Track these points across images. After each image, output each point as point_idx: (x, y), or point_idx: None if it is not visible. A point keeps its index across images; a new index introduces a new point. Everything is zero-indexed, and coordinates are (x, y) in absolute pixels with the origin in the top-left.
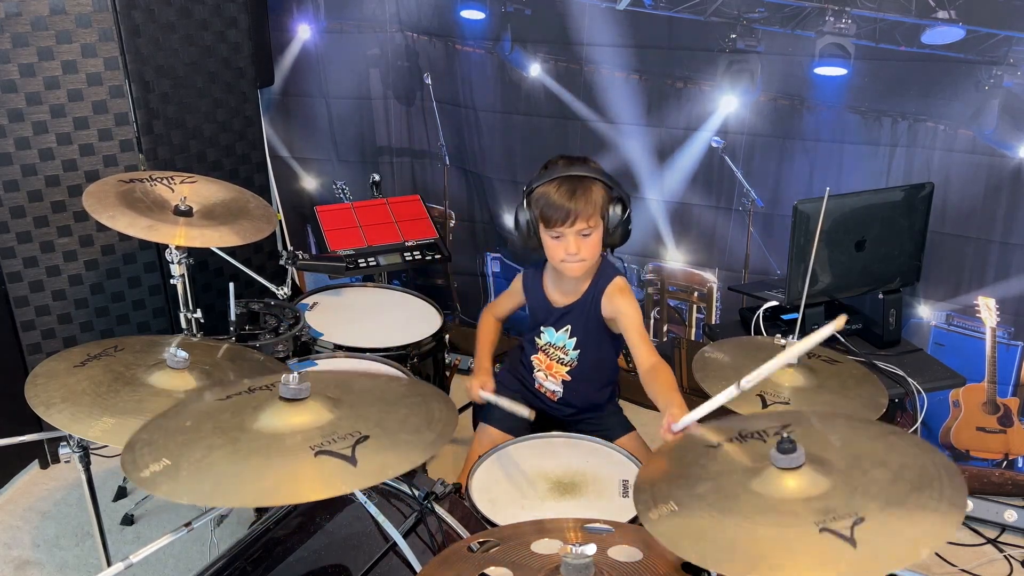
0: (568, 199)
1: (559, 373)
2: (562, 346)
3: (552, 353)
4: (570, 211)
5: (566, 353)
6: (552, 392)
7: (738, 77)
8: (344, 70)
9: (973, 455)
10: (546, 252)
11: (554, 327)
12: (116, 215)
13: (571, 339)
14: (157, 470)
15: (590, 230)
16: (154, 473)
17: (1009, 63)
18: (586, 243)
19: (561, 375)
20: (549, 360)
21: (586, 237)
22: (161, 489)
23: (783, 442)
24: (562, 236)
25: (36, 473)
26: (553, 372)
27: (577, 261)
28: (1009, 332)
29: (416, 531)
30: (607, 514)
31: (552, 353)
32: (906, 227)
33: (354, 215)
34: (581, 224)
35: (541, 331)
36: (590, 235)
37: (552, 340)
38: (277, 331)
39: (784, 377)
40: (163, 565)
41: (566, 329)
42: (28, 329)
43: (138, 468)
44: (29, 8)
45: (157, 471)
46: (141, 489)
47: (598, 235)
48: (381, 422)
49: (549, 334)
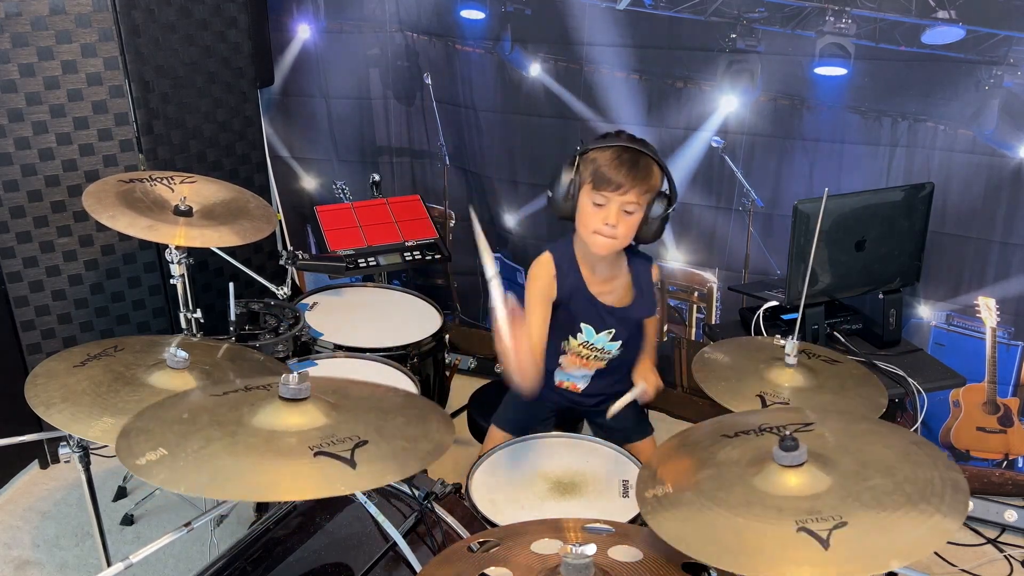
0: (628, 168)
1: (594, 365)
2: (602, 347)
3: (588, 354)
4: (625, 179)
5: (608, 353)
6: (575, 383)
7: (738, 77)
8: (344, 70)
9: (973, 455)
10: (579, 220)
11: (595, 328)
12: (116, 215)
13: (614, 341)
14: (153, 459)
15: (635, 208)
16: (150, 462)
17: (1009, 63)
18: (626, 220)
19: (596, 366)
20: (583, 359)
21: (628, 215)
22: (157, 478)
23: (786, 440)
24: (606, 204)
25: (36, 473)
26: (587, 364)
27: (610, 236)
28: (1009, 332)
29: (416, 531)
30: (607, 514)
31: (588, 354)
32: (906, 227)
33: (354, 215)
34: (631, 197)
35: (580, 329)
36: (633, 214)
37: (591, 340)
38: (277, 331)
39: (784, 377)
40: (163, 565)
41: (610, 332)
42: (28, 329)
43: (134, 456)
44: (29, 8)
45: (153, 460)
46: (138, 479)
47: (638, 219)
48: (380, 428)
49: (589, 334)
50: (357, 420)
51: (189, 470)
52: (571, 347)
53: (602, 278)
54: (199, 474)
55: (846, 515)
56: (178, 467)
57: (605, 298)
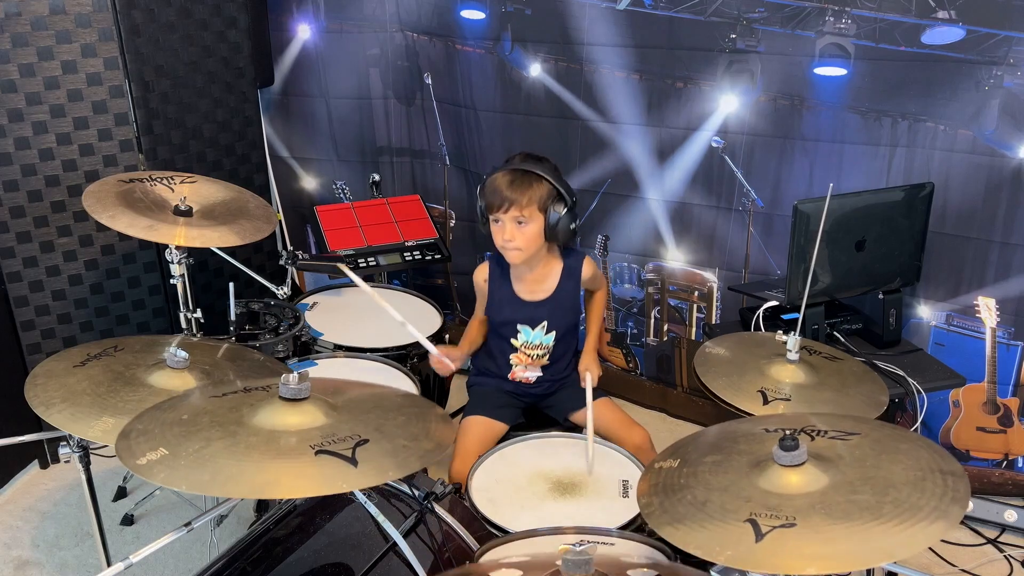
0: (507, 188)
1: (539, 362)
2: (539, 343)
3: (531, 352)
4: (505, 198)
5: (547, 348)
6: (528, 378)
7: (738, 77)
8: (344, 70)
9: (973, 455)
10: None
11: (530, 326)
12: (116, 215)
13: (549, 334)
14: (154, 458)
15: (525, 220)
16: (151, 461)
17: (1009, 63)
18: (521, 232)
19: (541, 362)
20: (529, 358)
21: (521, 225)
22: (158, 477)
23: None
24: (501, 222)
25: (36, 473)
26: (533, 363)
27: (514, 248)
28: (1009, 332)
29: (416, 531)
30: (607, 514)
31: (531, 352)
32: (906, 227)
33: (354, 215)
34: (516, 212)
35: (517, 331)
36: (525, 224)
37: (530, 339)
38: (277, 331)
39: (785, 374)
40: (163, 565)
41: (543, 326)
42: (28, 329)
43: (134, 456)
44: (29, 8)
45: (154, 459)
46: (138, 479)
47: (536, 227)
48: (380, 427)
49: (526, 333)
50: (357, 420)
51: (190, 468)
52: (517, 346)
53: (532, 280)
54: (200, 472)
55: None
56: (179, 466)
57: (535, 296)
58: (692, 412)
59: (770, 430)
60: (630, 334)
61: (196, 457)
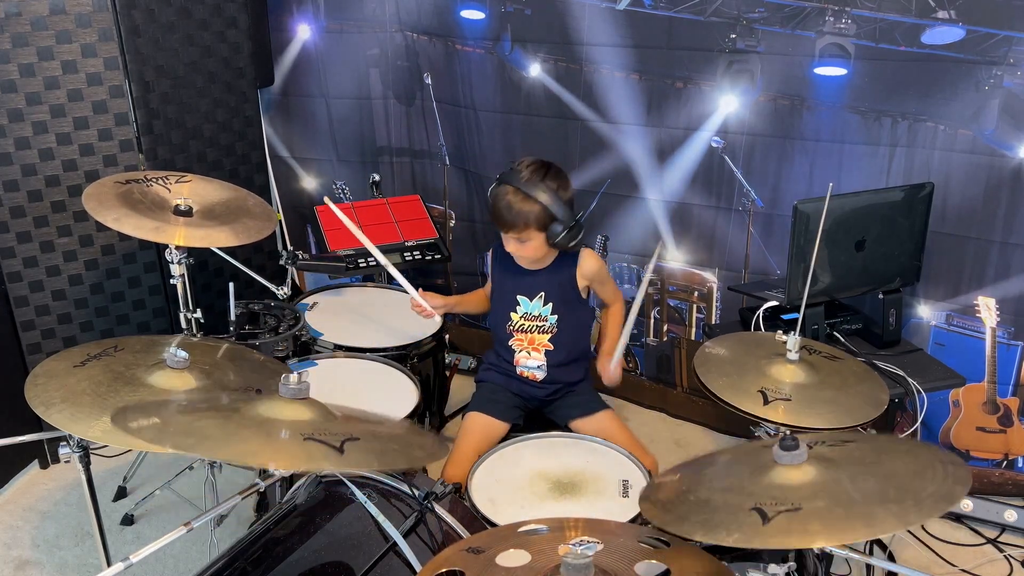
0: (505, 212)
1: (541, 344)
2: (538, 314)
3: (531, 326)
4: (504, 222)
5: (545, 320)
6: (534, 373)
7: (738, 77)
8: (344, 70)
9: (973, 455)
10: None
11: (528, 296)
12: (121, 217)
13: (547, 305)
14: (145, 424)
15: (524, 239)
16: (141, 426)
17: (1009, 63)
18: (524, 247)
19: (543, 345)
20: (529, 335)
21: (523, 243)
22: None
23: (786, 440)
24: (505, 236)
25: (36, 473)
26: (536, 345)
27: (520, 256)
28: (1009, 332)
29: (416, 531)
30: (607, 514)
31: (531, 326)
32: (906, 227)
33: (354, 215)
34: (514, 234)
35: (517, 303)
36: (527, 241)
37: (529, 309)
38: (277, 331)
39: (785, 374)
40: (163, 565)
41: (540, 296)
42: (28, 329)
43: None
44: (29, 8)
45: (145, 425)
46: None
47: (538, 240)
48: (375, 432)
49: (524, 304)
50: (354, 427)
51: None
52: (516, 324)
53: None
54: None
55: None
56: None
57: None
58: (692, 412)
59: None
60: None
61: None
